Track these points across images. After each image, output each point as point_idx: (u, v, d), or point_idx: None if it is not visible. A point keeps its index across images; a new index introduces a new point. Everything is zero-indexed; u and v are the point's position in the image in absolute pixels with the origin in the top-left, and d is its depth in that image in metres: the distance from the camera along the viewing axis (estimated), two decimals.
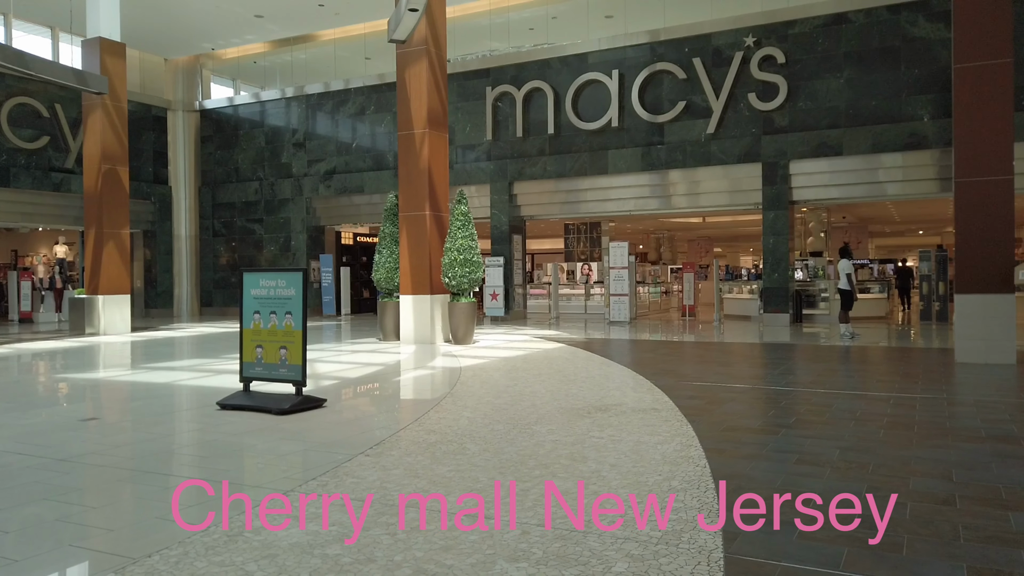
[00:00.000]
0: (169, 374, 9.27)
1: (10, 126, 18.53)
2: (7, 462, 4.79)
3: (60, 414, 6.93)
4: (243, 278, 6.88)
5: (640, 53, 17.18)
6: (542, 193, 18.56)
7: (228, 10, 19.29)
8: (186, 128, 22.96)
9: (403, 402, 7.47)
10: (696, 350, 11.70)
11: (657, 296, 22.07)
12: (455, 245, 12.34)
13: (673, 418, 5.89)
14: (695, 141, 16.59)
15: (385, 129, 20.12)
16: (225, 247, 22.80)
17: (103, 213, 15.79)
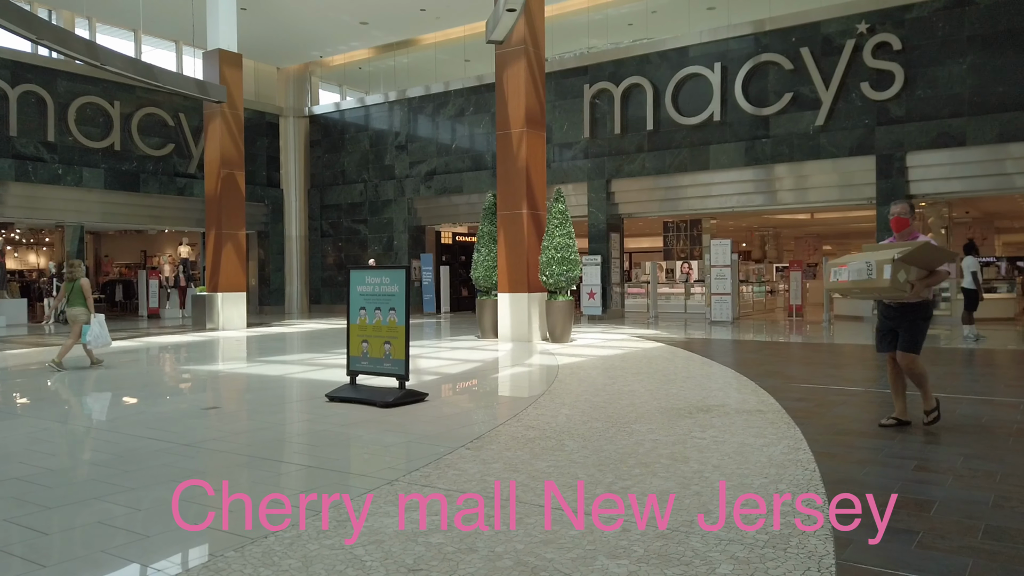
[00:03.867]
0: (281, 367, 9.74)
1: (140, 135, 19.94)
2: (140, 446, 5.17)
3: (185, 403, 7.41)
4: (349, 275, 7.15)
5: (744, 44, 16.67)
6: (640, 190, 18.32)
7: (336, 19, 20.06)
8: (296, 133, 24.04)
9: (502, 398, 7.56)
10: (804, 351, 11.25)
11: (761, 295, 21.34)
12: (553, 243, 12.36)
13: (779, 420, 5.69)
14: (803, 134, 15.94)
15: (483, 130, 20.38)
16: (332, 247, 23.73)
17: (222, 216, 16.76)
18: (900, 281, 4.95)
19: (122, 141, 19.60)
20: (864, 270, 5.06)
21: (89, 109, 18.98)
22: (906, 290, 5.00)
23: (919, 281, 5.09)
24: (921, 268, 5.11)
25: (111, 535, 3.40)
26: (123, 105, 19.60)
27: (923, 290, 5.18)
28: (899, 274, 4.94)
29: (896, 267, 4.94)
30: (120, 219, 20.38)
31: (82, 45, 13.79)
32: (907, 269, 5.00)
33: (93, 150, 19.01)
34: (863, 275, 5.05)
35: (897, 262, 4.93)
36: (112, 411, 7.02)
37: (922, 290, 5.17)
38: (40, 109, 18.06)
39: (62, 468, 4.75)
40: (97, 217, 19.63)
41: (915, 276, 5.06)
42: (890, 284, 4.93)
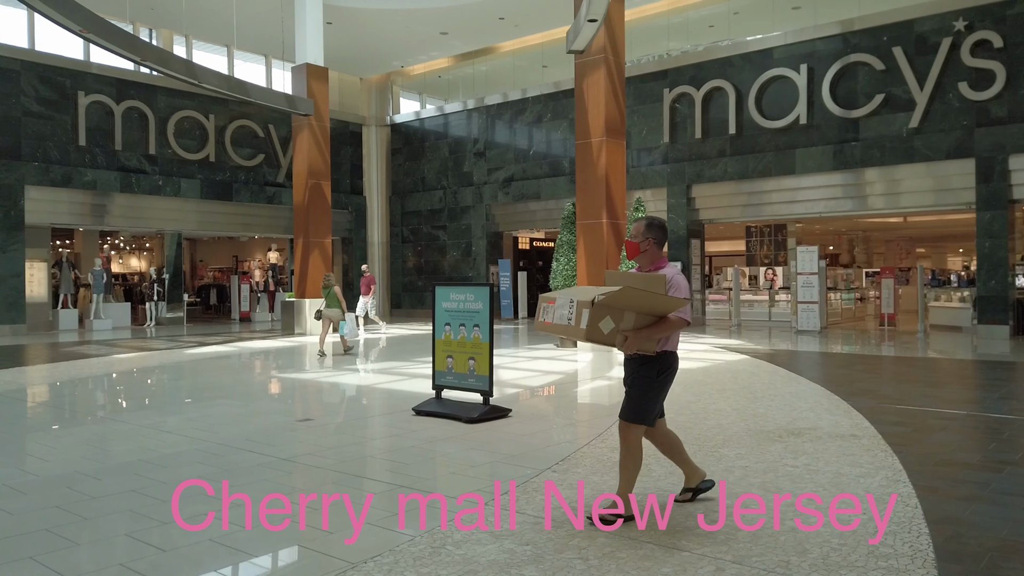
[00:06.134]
0: (366, 376, 10.02)
1: (232, 146, 20.87)
2: (242, 459, 5.43)
3: (281, 414, 7.73)
4: (435, 292, 7.30)
5: (831, 45, 16.12)
6: (722, 196, 17.97)
7: (417, 29, 20.46)
8: (378, 142, 24.67)
9: (584, 415, 7.56)
10: (898, 366, 10.80)
11: (850, 303, 20.54)
12: None
13: (875, 447, 5.50)
14: (895, 136, 15.30)
15: (561, 136, 20.40)
16: (412, 252, 24.21)
17: (309, 224, 17.35)
18: (604, 332, 3.72)
19: (216, 153, 20.56)
20: (565, 314, 3.84)
21: (186, 123, 19.98)
22: (614, 342, 3.77)
23: (638, 333, 3.78)
24: (643, 314, 3.79)
25: (213, 551, 3.59)
26: (217, 118, 20.55)
27: (644, 342, 3.81)
28: (601, 323, 3.70)
29: (596, 313, 3.69)
30: (214, 227, 21.37)
31: (182, 65, 14.54)
32: (617, 316, 3.72)
33: (190, 161, 20.00)
34: (563, 319, 3.84)
35: (599, 307, 3.68)
36: (214, 418, 7.38)
37: (643, 342, 3.81)
38: (142, 124, 19.13)
39: (173, 479, 5.02)
40: (194, 225, 20.65)
41: (632, 324, 3.76)
42: (586, 334, 3.71)
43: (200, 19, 19.49)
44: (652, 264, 4.09)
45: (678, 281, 3.91)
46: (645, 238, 4.06)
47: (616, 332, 3.75)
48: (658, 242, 4.09)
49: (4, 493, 4.61)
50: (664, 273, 3.92)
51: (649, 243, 4.07)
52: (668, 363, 4.01)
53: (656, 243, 4.08)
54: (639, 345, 3.80)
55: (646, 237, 4.06)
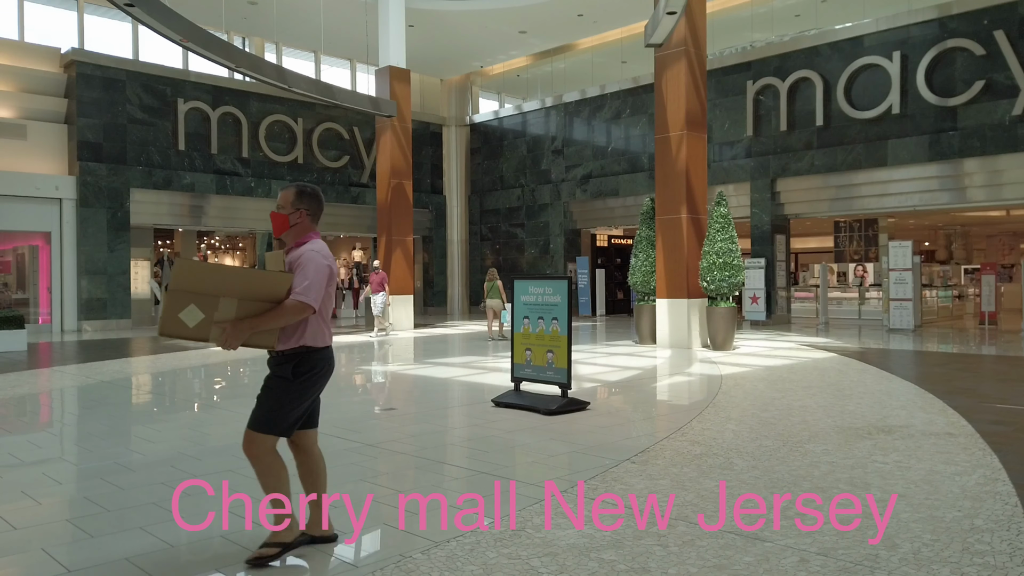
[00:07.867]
0: (448, 369, 10.22)
1: (319, 148, 21.60)
2: (332, 444, 5.65)
3: (367, 403, 7.99)
4: (514, 285, 7.40)
5: (927, 30, 15.38)
6: (808, 189, 17.40)
7: (496, 29, 20.68)
8: (458, 141, 25.05)
9: (664, 409, 7.51)
10: (999, 365, 10.23)
11: (947, 301, 19.55)
12: (714, 248, 12.06)
13: (973, 445, 5.26)
14: (997, 125, 14.47)
15: (640, 131, 20.20)
16: (491, 250, 24.47)
17: (392, 223, 17.79)
18: (189, 326, 3.03)
19: (304, 155, 21.33)
20: None
21: (276, 126, 20.81)
22: (207, 336, 3.06)
23: (240, 323, 3.08)
24: (248, 300, 3.09)
25: None
26: (305, 121, 21.31)
27: (255, 336, 3.14)
28: (183, 313, 3.02)
29: (173, 302, 3.03)
30: None
31: (273, 70, 15.16)
32: (207, 303, 3.03)
33: (280, 164, 20.83)
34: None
35: (173, 293, 3.04)
36: None
37: (246, 335, 3.10)
38: (236, 128, 20.03)
39: None
40: None
41: (232, 314, 3.07)
42: (162, 326, 3.06)
43: (289, 27, 20.28)
44: (297, 240, 3.40)
45: (308, 257, 3.25)
46: (295, 209, 3.39)
47: (210, 324, 3.06)
48: (312, 214, 3.43)
49: (116, 471, 4.96)
50: (309, 249, 3.30)
51: (301, 215, 3.40)
52: (311, 363, 3.32)
53: (310, 215, 3.42)
54: (242, 339, 3.09)
55: (296, 208, 3.39)
